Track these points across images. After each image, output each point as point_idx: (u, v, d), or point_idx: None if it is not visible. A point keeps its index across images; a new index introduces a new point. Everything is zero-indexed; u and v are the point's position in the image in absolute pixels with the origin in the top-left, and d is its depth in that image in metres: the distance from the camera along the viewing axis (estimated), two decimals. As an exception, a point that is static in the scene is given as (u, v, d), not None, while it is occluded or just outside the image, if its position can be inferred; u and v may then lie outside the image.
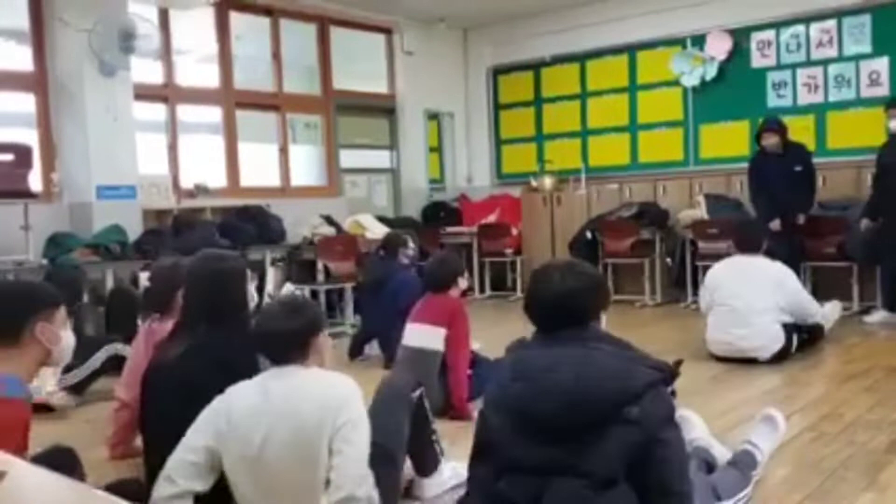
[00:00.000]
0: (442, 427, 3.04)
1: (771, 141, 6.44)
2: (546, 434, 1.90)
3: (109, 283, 5.67)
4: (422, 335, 3.97)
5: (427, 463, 2.82)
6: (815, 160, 6.71)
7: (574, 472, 1.86)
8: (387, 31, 9.15)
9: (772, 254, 5.23)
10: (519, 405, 1.95)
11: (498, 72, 9.67)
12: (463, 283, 4.20)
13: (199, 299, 2.68)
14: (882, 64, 7.07)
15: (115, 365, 4.56)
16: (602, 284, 2.20)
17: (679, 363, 2.24)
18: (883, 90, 6.93)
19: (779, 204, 6.33)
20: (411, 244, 5.58)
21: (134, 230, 6.16)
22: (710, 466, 2.69)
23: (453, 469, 2.85)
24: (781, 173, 6.36)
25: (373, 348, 5.43)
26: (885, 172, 6.02)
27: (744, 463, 2.74)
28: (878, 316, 6.12)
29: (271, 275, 6.47)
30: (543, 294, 2.09)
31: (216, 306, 2.65)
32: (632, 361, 2.00)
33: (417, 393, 2.76)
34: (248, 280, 2.92)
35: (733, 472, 2.65)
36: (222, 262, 2.80)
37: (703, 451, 2.75)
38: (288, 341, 2.33)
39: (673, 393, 2.08)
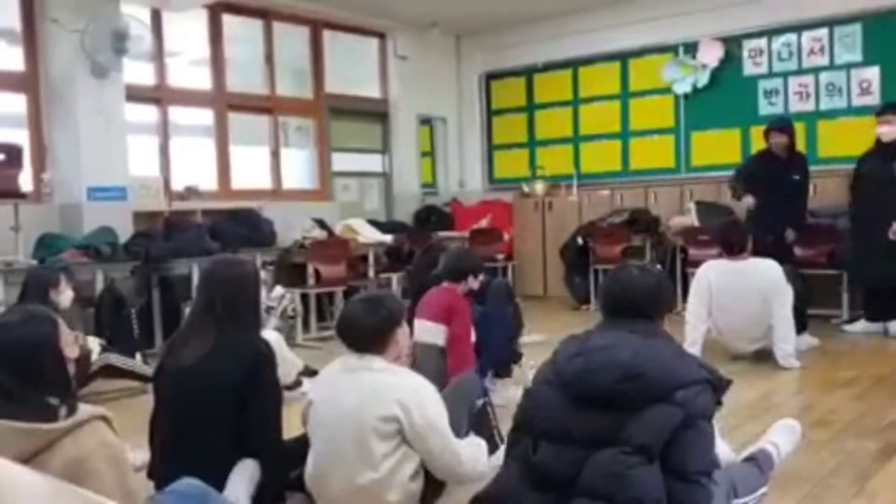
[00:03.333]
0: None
1: (779, 140, 6.21)
2: (598, 406, 2.06)
3: (99, 285, 5.64)
4: (426, 331, 4.01)
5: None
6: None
7: (615, 442, 2.01)
8: (380, 36, 9.15)
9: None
10: (576, 379, 2.12)
11: (490, 77, 9.69)
12: (474, 282, 4.23)
13: (219, 302, 2.71)
14: (873, 73, 7.11)
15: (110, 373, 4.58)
16: (671, 290, 2.44)
17: (729, 382, 2.33)
18: (874, 99, 6.97)
19: (770, 212, 6.14)
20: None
21: (124, 232, 6.13)
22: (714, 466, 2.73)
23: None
24: (781, 180, 6.16)
25: None
26: (863, 180, 6.01)
27: (762, 461, 2.79)
28: (859, 325, 6.14)
29: (262, 278, 6.45)
30: (619, 286, 2.35)
31: (235, 308, 2.71)
32: (684, 357, 2.21)
33: (481, 402, 2.99)
34: (262, 283, 3.00)
35: (753, 470, 2.70)
36: (238, 265, 2.90)
37: None
38: (368, 334, 2.61)
39: (719, 403, 2.21)
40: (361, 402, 2.52)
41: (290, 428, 2.82)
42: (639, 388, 2.03)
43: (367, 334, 2.61)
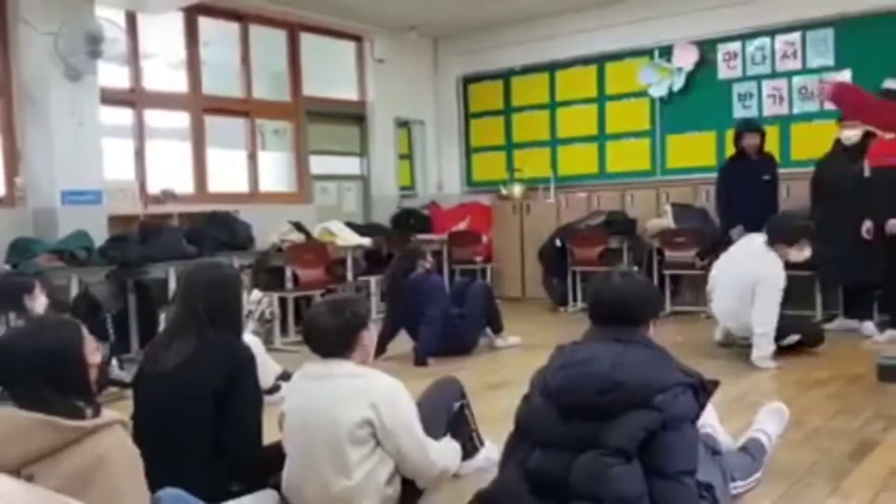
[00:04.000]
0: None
1: (753, 142, 6.54)
2: (580, 415, 2.18)
3: (74, 290, 5.58)
4: None
5: (464, 452, 3.01)
6: (780, 170, 6.84)
7: (596, 446, 2.13)
8: (357, 39, 9.14)
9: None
10: (560, 391, 2.24)
11: (468, 80, 9.70)
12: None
13: (200, 306, 2.70)
14: (845, 77, 7.19)
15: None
16: (657, 296, 2.49)
17: (716, 384, 2.41)
18: (845, 103, 7.06)
19: (742, 211, 6.41)
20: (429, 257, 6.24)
21: (100, 236, 6.07)
22: (714, 453, 2.80)
23: (486, 456, 3.12)
24: (750, 180, 6.46)
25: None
26: (826, 185, 6.10)
27: (755, 449, 2.95)
28: (836, 323, 6.23)
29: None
30: (604, 293, 2.41)
31: (216, 312, 2.71)
32: (664, 363, 2.29)
33: (458, 405, 3.03)
34: (243, 287, 3.00)
35: (746, 457, 2.86)
36: (220, 269, 2.91)
37: (710, 437, 2.84)
38: (332, 338, 2.57)
39: (701, 407, 2.28)
40: (332, 408, 2.50)
41: (269, 433, 2.81)
42: (618, 398, 2.14)
43: (332, 337, 2.57)
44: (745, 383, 4.63)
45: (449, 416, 2.95)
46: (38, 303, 4.22)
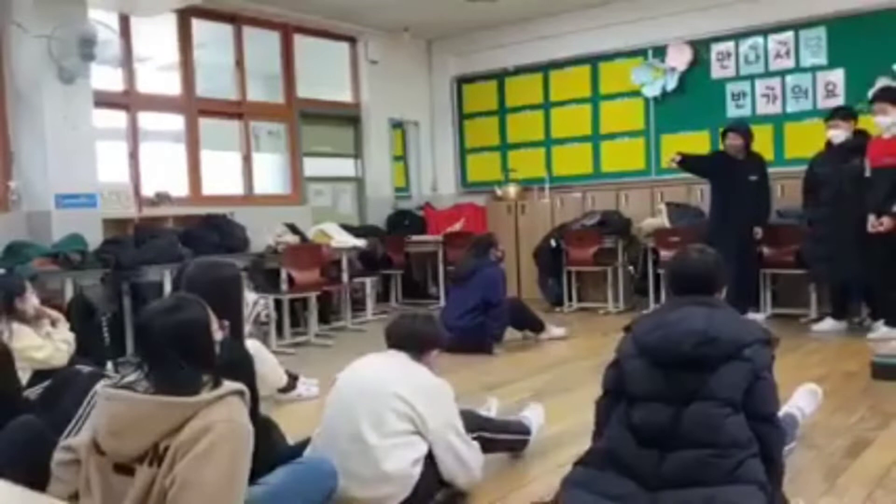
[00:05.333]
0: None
1: (734, 143, 6.59)
2: (681, 367, 2.44)
3: (69, 293, 5.56)
4: None
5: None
6: (774, 169, 6.88)
7: (705, 397, 2.40)
8: (351, 40, 9.14)
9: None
10: (659, 347, 2.50)
11: (462, 81, 9.71)
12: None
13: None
14: (837, 76, 7.24)
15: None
16: (725, 268, 2.78)
17: (778, 340, 2.68)
18: (839, 101, 7.06)
19: (729, 210, 6.47)
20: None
21: (94, 239, 6.05)
22: None
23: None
24: (739, 181, 6.49)
25: None
26: (819, 184, 6.11)
27: (789, 422, 3.18)
28: (825, 324, 6.24)
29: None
30: (686, 268, 2.73)
31: (218, 312, 2.67)
32: (744, 322, 2.64)
33: (484, 410, 3.34)
34: (244, 286, 3.01)
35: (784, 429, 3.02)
36: (220, 268, 2.93)
37: None
38: (413, 340, 2.90)
39: (772, 358, 2.57)
40: (387, 375, 2.77)
41: (287, 431, 2.82)
42: (715, 350, 2.42)
43: (414, 339, 2.91)
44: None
45: (479, 415, 3.25)
46: (30, 305, 4.20)
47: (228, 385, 2.07)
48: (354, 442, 2.65)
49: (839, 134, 6.00)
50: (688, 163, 6.87)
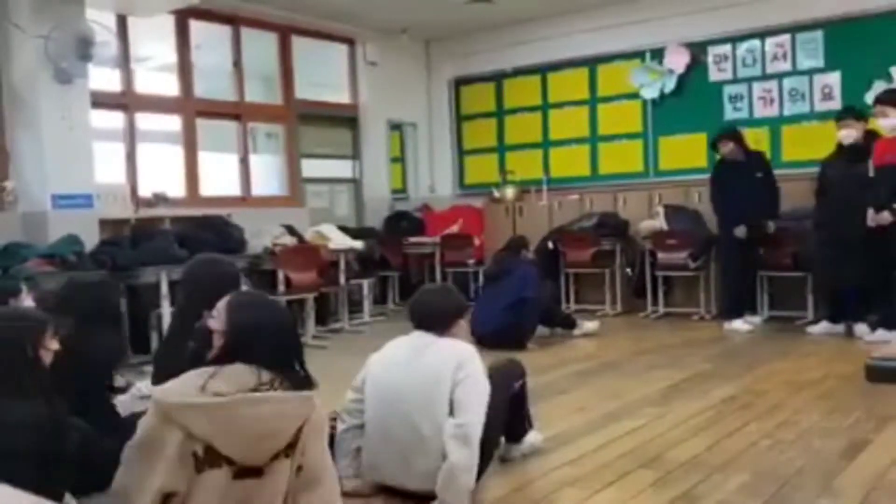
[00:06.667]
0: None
1: (727, 149, 6.62)
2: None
3: (65, 294, 5.55)
4: None
5: (515, 433, 3.28)
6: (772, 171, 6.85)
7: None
8: (349, 42, 9.14)
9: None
10: None
11: (460, 83, 9.71)
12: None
13: (205, 302, 2.66)
14: (834, 78, 7.25)
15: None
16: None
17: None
18: (835, 104, 7.08)
19: (743, 210, 6.48)
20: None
21: (91, 240, 6.04)
22: None
23: (531, 443, 3.37)
24: (744, 180, 6.51)
25: None
26: (829, 185, 6.11)
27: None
28: (821, 327, 6.24)
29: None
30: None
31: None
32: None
33: (519, 383, 3.20)
34: (242, 283, 3.03)
35: None
36: (221, 265, 2.97)
37: None
38: (437, 315, 2.92)
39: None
40: (440, 363, 2.75)
41: None
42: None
43: (437, 314, 2.92)
44: (737, 384, 4.63)
45: (510, 393, 3.11)
46: (25, 306, 4.19)
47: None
48: (415, 430, 2.73)
49: (850, 134, 5.95)
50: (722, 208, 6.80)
